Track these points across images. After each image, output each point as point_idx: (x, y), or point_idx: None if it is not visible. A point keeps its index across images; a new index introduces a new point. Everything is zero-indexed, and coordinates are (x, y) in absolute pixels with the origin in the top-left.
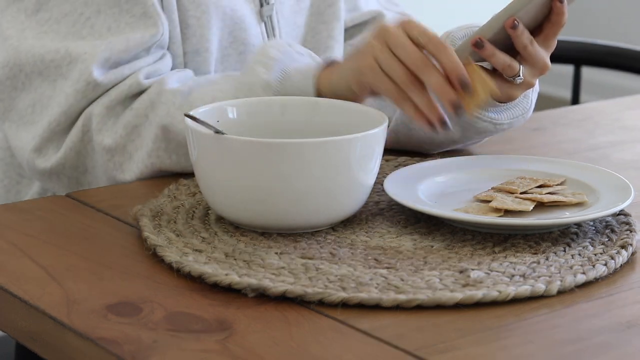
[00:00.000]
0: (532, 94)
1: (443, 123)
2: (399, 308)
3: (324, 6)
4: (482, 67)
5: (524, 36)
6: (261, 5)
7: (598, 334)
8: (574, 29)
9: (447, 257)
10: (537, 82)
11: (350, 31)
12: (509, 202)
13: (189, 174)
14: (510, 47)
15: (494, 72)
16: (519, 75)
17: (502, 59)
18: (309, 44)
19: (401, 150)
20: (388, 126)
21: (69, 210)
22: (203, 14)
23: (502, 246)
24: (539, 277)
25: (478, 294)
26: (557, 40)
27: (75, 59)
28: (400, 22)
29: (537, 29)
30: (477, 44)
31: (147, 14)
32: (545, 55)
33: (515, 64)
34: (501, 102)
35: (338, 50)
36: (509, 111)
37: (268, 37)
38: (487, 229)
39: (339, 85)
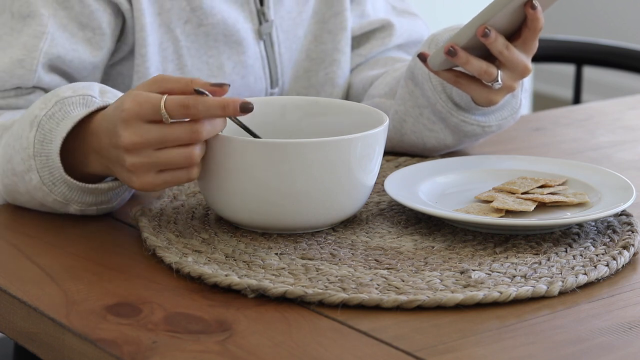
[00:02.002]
0: (522, 94)
1: None
2: (399, 309)
3: (329, 14)
4: (461, 72)
5: (498, 42)
6: (260, 23)
7: (600, 334)
8: (575, 28)
9: (448, 257)
10: (528, 82)
11: (358, 39)
12: (510, 203)
13: None
14: (488, 52)
15: (472, 78)
16: (497, 81)
17: (477, 65)
18: (313, 54)
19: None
20: None
21: None
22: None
23: (503, 247)
24: (540, 277)
25: (479, 294)
26: (559, 40)
27: None
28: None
29: (515, 33)
30: (450, 52)
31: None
32: (524, 59)
33: (492, 69)
34: (482, 106)
35: (344, 63)
36: (497, 113)
37: (267, 55)
38: (488, 229)
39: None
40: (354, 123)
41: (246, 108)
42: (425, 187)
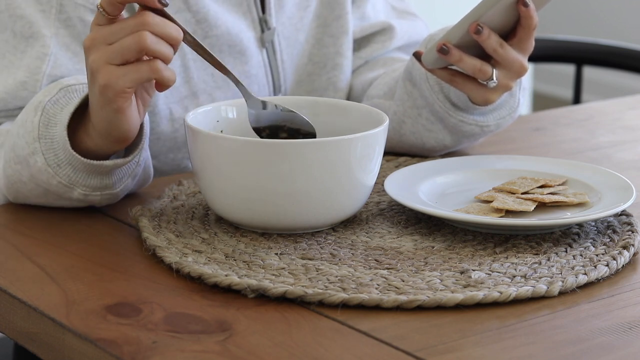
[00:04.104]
0: (520, 93)
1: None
2: (399, 309)
3: (331, 18)
4: (456, 70)
5: (491, 40)
6: (262, 31)
7: (600, 334)
8: (575, 28)
9: (448, 257)
10: (527, 81)
11: (359, 41)
12: (510, 203)
13: (188, 175)
14: (484, 51)
15: (467, 76)
16: (493, 79)
17: (471, 63)
18: (315, 57)
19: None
20: None
21: (68, 211)
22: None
23: (503, 247)
24: (540, 277)
25: (479, 294)
26: (559, 40)
27: None
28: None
29: (511, 33)
30: (442, 50)
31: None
32: (520, 57)
33: (486, 67)
34: (479, 106)
35: (346, 67)
36: (495, 112)
37: (269, 62)
38: (488, 229)
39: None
40: (354, 123)
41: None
42: (425, 187)
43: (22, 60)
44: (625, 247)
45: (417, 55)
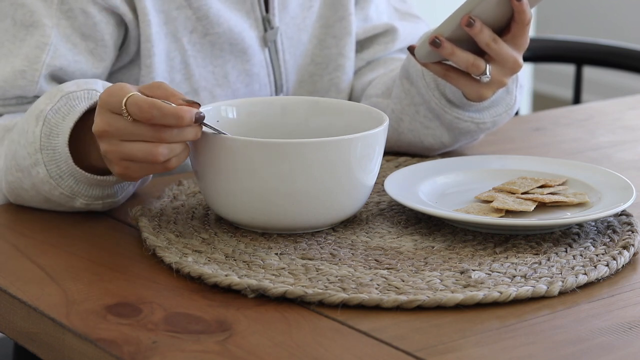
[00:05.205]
0: (517, 90)
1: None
2: (399, 309)
3: (333, 19)
4: (451, 65)
5: (484, 34)
6: (265, 30)
7: (600, 334)
8: (575, 28)
9: (448, 257)
10: (524, 78)
11: (362, 43)
12: (510, 203)
13: (188, 175)
14: (479, 47)
15: (461, 71)
16: (486, 74)
17: (463, 57)
18: (317, 58)
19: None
20: None
21: (68, 211)
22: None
23: (503, 247)
24: (540, 277)
25: (479, 294)
26: (559, 40)
27: None
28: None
29: (505, 28)
30: (434, 43)
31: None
32: (515, 53)
33: (479, 62)
34: (473, 101)
35: (349, 68)
36: (491, 109)
37: (272, 62)
38: (488, 229)
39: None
40: (354, 123)
41: (199, 118)
42: (425, 187)
43: (21, 48)
44: (625, 247)
45: (410, 49)
